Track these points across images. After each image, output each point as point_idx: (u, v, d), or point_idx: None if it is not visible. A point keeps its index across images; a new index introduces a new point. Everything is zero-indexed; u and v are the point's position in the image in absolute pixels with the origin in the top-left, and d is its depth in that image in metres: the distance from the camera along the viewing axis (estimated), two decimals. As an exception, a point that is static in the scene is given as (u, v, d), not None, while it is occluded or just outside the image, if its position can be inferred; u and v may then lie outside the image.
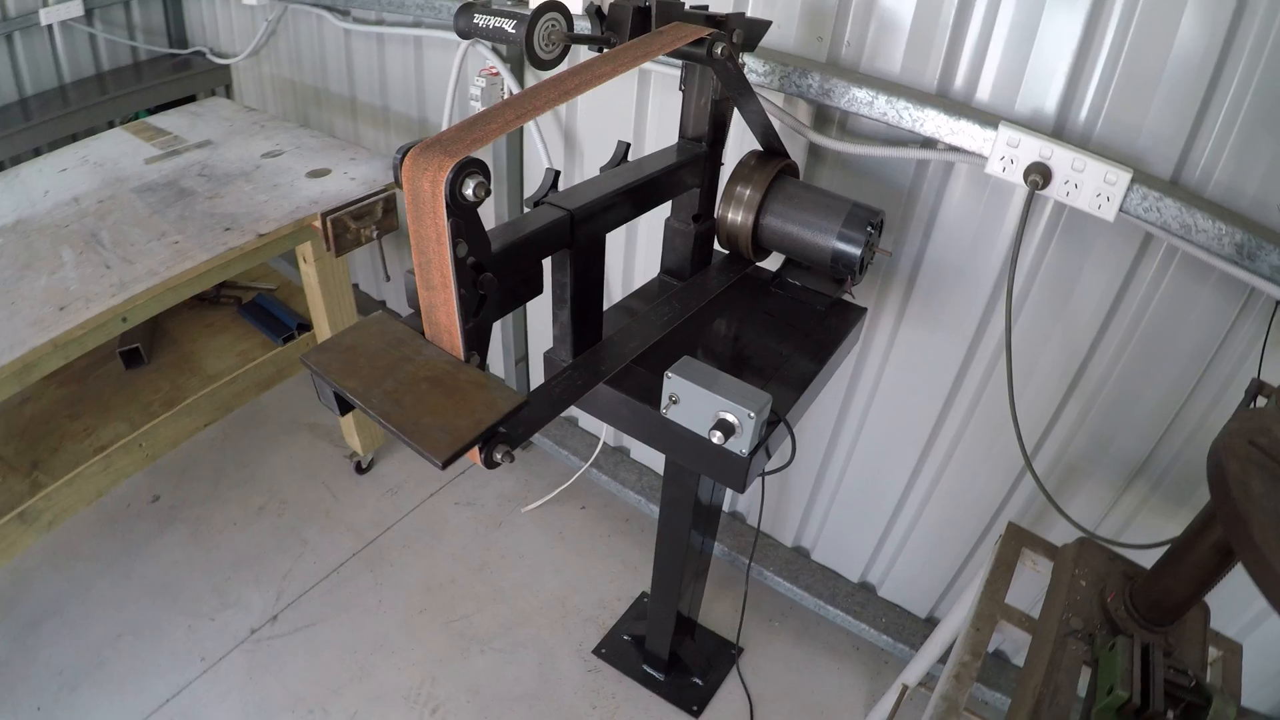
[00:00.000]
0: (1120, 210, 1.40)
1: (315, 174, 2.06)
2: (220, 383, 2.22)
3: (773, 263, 1.68)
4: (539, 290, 1.11)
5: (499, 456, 0.94)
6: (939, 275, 1.80)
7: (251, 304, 2.54)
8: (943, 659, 1.98)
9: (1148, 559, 1.44)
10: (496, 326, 2.63)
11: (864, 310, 1.61)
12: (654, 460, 2.68)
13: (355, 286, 3.16)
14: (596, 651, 2.28)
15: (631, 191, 1.23)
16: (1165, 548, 1.39)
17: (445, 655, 2.22)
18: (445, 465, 0.81)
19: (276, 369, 2.38)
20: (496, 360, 2.87)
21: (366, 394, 0.86)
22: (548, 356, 1.30)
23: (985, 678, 2.23)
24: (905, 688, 1.99)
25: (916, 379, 1.95)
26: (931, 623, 2.37)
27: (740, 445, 1.14)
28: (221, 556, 2.37)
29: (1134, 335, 1.64)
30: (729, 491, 2.33)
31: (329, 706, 2.07)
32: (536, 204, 1.13)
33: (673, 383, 1.15)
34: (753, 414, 1.11)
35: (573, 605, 2.40)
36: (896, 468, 2.14)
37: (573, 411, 2.82)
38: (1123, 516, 1.86)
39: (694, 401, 1.15)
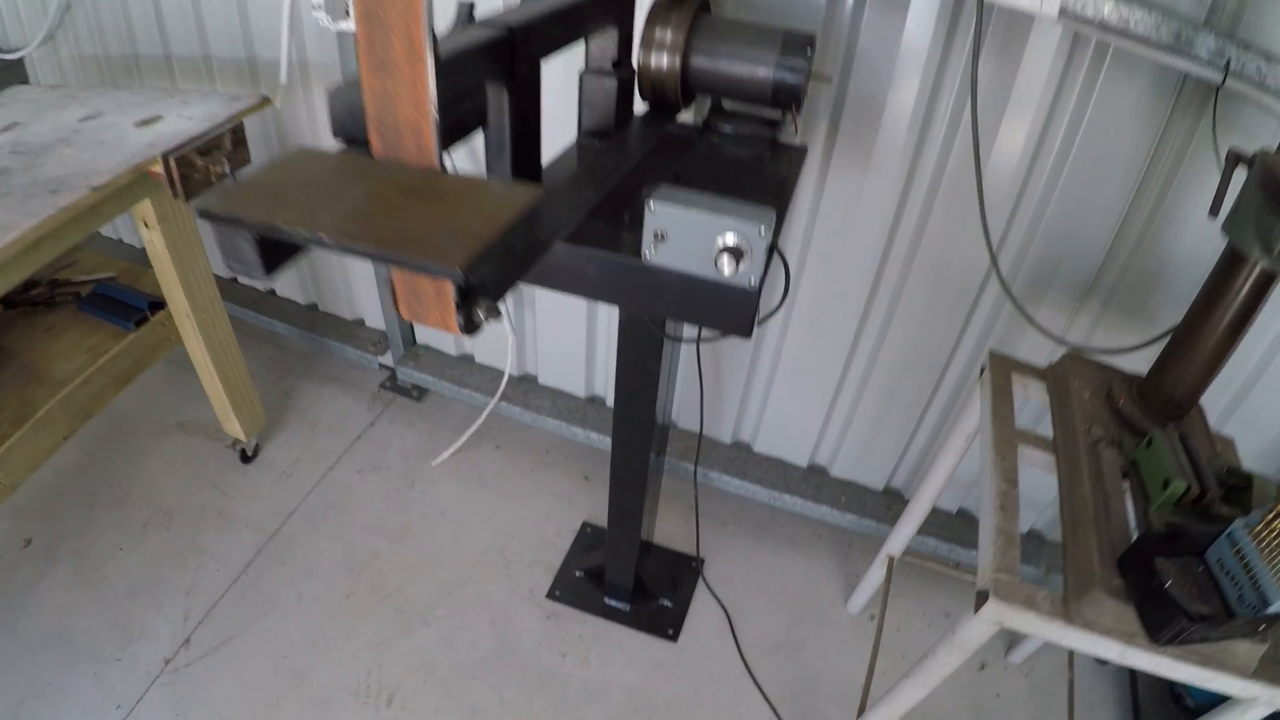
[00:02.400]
0: (1060, 9, 1.29)
1: (146, 122, 1.74)
2: (73, 385, 1.89)
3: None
4: (484, 120, 0.89)
5: (482, 314, 0.72)
6: (863, 111, 1.64)
7: (92, 296, 2.17)
8: (926, 526, 1.90)
9: (1130, 364, 1.40)
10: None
11: (804, 150, 1.44)
12: (567, 382, 2.48)
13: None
14: (551, 595, 2.09)
15: (562, 13, 1.01)
16: (1154, 345, 1.34)
17: (387, 637, 1.98)
18: (468, 275, 0.59)
19: (134, 359, 2.06)
20: (369, 294, 2.60)
21: (312, 220, 0.61)
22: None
23: (957, 536, 2.15)
24: (891, 559, 1.88)
25: (849, 231, 1.81)
26: (891, 494, 2.28)
27: (751, 273, 0.96)
28: (113, 588, 2.04)
29: (1071, 147, 1.55)
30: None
31: (270, 723, 1.80)
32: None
33: (658, 216, 0.95)
34: (763, 230, 0.92)
35: (512, 552, 2.18)
36: (835, 337, 2.01)
37: (470, 346, 2.58)
38: (1080, 336, 1.79)
39: (687, 232, 0.95)
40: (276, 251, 0.65)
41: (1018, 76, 1.50)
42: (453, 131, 0.78)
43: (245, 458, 2.38)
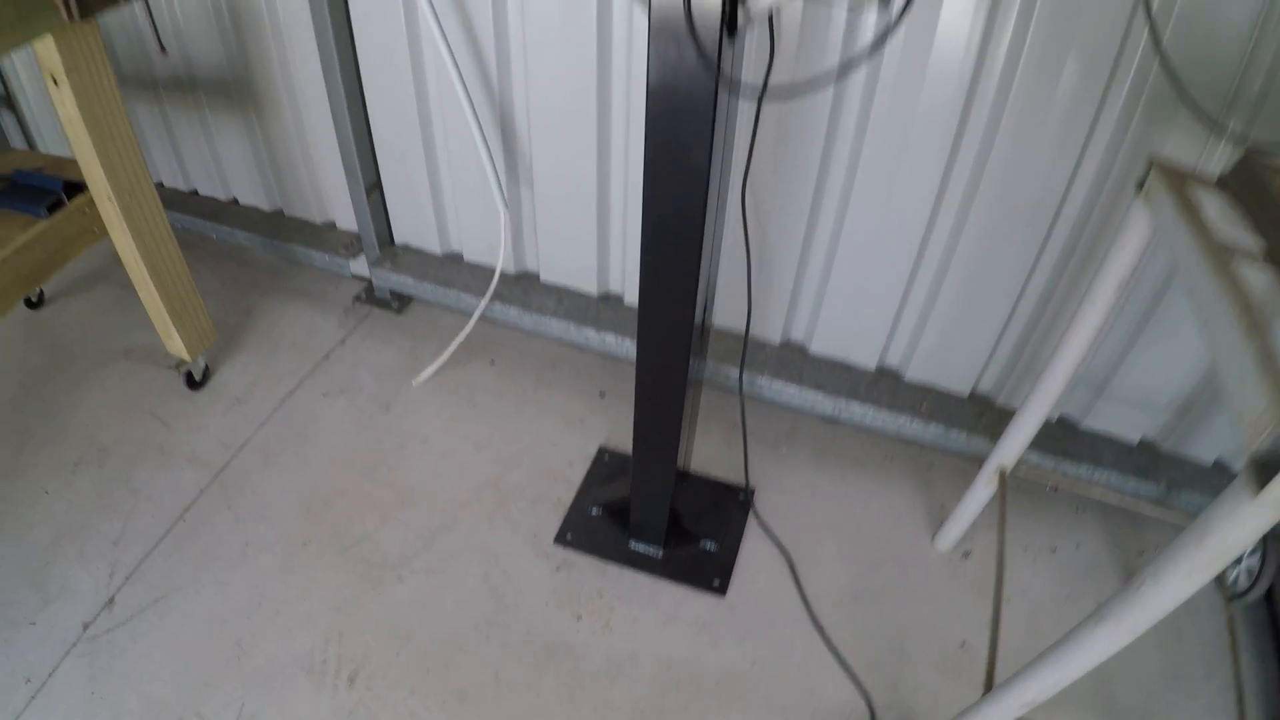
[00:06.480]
0: None
1: None
2: None
3: None
4: None
5: None
6: None
7: (9, 187, 1.81)
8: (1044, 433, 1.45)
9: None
10: (331, 143, 1.95)
11: None
12: (575, 278, 2.03)
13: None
14: (561, 540, 1.65)
15: None
16: None
17: (351, 596, 1.56)
18: None
19: (48, 252, 1.71)
20: (338, 192, 2.15)
21: None
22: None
23: (1064, 449, 1.69)
24: (1003, 473, 1.43)
25: (932, 36, 1.35)
26: (980, 400, 1.81)
27: None
28: (36, 537, 1.67)
29: None
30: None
31: (203, 709, 1.40)
32: None
33: None
34: None
35: (510, 486, 1.75)
36: (913, 188, 1.54)
37: (456, 242, 2.15)
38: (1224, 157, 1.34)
39: None
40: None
41: None
42: None
43: (193, 383, 1.99)
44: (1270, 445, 0.63)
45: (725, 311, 1.88)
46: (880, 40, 0.80)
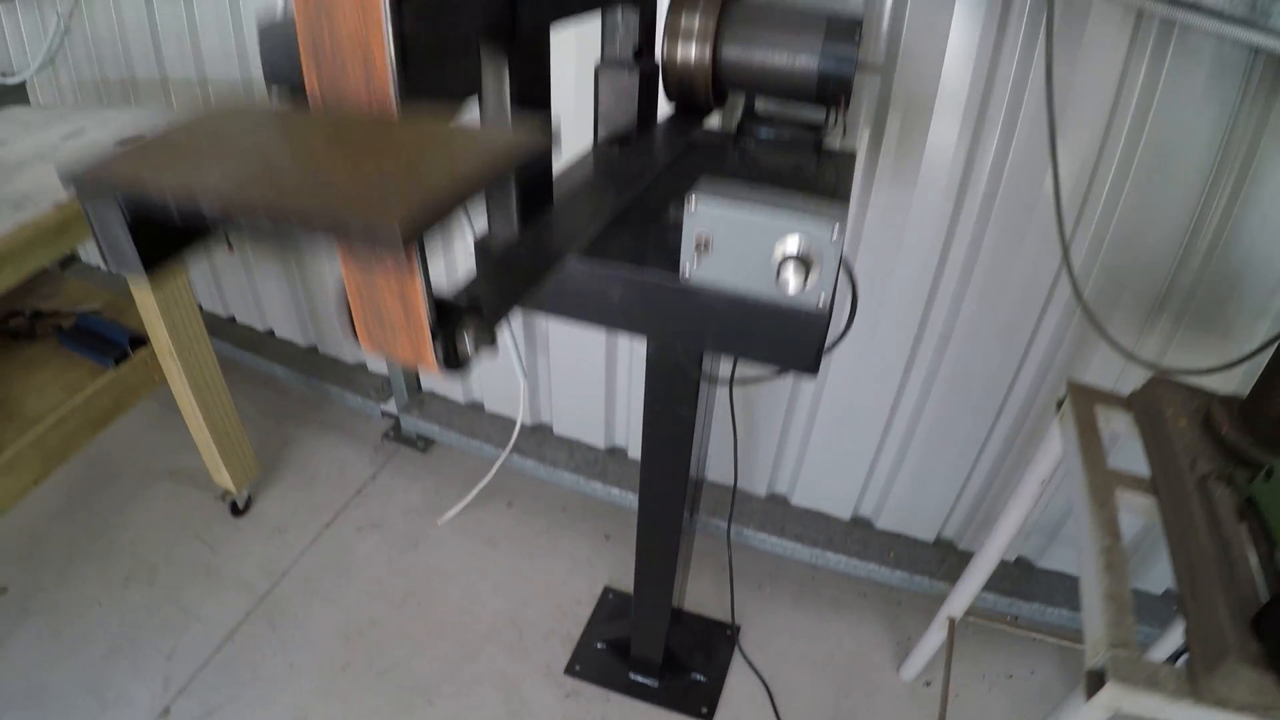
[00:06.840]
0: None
1: (126, 142, 1.61)
2: (44, 425, 1.76)
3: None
4: (477, 88, 0.69)
5: (469, 342, 0.52)
6: (910, 111, 1.47)
7: (74, 329, 2.04)
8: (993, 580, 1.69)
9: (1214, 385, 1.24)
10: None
11: (853, 155, 1.26)
12: (584, 432, 2.28)
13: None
14: (570, 670, 1.87)
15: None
16: (1250, 361, 1.21)
17: (386, 717, 1.77)
18: (408, 241, 0.39)
19: (113, 399, 1.92)
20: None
21: (194, 180, 0.42)
22: (480, 245, 0.87)
23: (1018, 589, 1.93)
24: (953, 621, 1.67)
25: (897, 253, 1.63)
26: (944, 545, 2.06)
27: (820, 289, 0.77)
28: (91, 647, 1.86)
29: (1138, 144, 1.37)
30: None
31: (251, 817, 1.60)
32: None
33: (702, 216, 0.77)
34: (835, 232, 0.74)
35: (526, 621, 1.97)
36: (883, 371, 1.81)
37: (479, 393, 2.40)
38: (1151, 358, 1.56)
39: (739, 238, 0.78)
40: (158, 236, 0.45)
41: (1078, 64, 1.32)
42: (427, 78, 0.57)
43: (236, 511, 2.21)
44: (1099, 666, 0.88)
45: (716, 467, 2.13)
46: (844, 334, 1.07)
